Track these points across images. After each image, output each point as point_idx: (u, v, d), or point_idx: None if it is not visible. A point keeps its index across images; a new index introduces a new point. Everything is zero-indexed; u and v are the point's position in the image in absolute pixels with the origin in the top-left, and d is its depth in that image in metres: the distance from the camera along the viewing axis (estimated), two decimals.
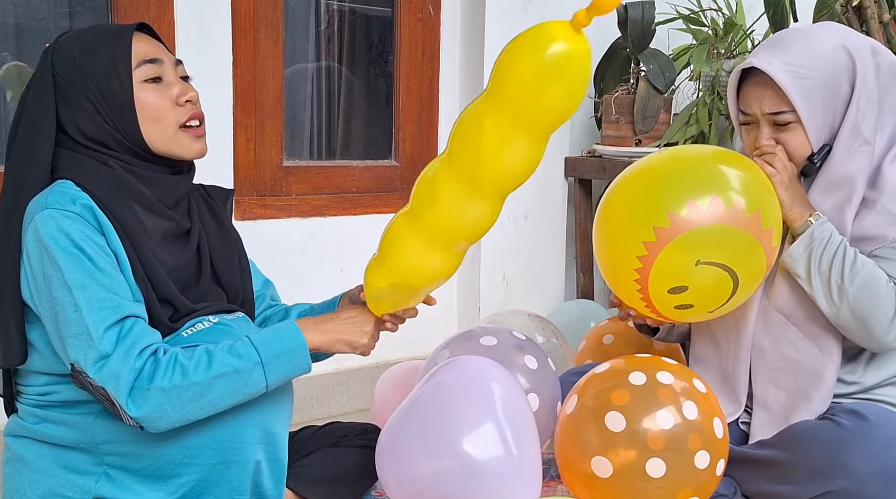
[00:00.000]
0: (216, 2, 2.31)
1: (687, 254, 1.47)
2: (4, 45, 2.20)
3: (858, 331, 1.50)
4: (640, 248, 1.48)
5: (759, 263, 1.51)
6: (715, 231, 1.46)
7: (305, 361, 1.35)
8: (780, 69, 1.51)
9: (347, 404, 2.61)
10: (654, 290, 1.52)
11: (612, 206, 1.59)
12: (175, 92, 1.38)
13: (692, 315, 1.59)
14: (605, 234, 1.59)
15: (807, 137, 1.54)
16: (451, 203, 1.34)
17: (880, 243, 1.53)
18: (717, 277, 1.49)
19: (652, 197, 1.50)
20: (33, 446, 1.36)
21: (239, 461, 1.34)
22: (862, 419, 1.48)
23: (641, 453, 1.45)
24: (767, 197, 1.51)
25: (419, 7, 2.71)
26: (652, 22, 2.67)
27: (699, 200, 1.46)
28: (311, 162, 2.66)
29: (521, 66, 1.22)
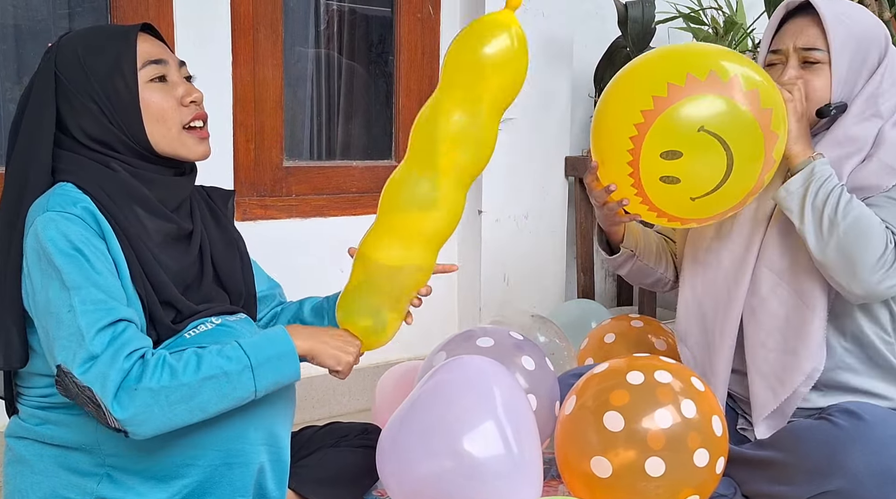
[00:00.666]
0: (215, 2, 2.31)
1: (693, 116, 1.46)
2: (4, 46, 2.20)
3: (843, 270, 1.49)
4: (647, 101, 1.48)
5: (756, 160, 1.50)
6: (728, 105, 1.46)
7: (294, 366, 1.33)
8: (829, 9, 1.56)
9: (348, 404, 2.61)
10: (647, 150, 1.50)
11: (612, 85, 1.60)
12: (180, 92, 1.38)
13: (672, 198, 1.54)
14: (615, 85, 1.59)
15: (830, 81, 1.57)
16: (414, 197, 1.39)
17: (873, 192, 1.54)
18: (713, 152, 1.47)
19: (673, 59, 1.52)
20: (35, 448, 1.36)
21: (242, 463, 1.34)
22: (859, 419, 1.48)
23: (641, 453, 1.45)
24: (781, 107, 1.51)
25: (419, 7, 2.71)
26: (652, 20, 2.67)
27: (721, 73, 1.47)
28: (311, 162, 2.66)
29: (466, 55, 1.38)
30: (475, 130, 1.38)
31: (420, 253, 1.42)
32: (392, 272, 1.41)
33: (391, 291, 1.44)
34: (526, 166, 2.81)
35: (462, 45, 1.38)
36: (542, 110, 2.82)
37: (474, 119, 1.37)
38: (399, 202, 1.40)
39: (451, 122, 1.37)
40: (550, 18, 2.79)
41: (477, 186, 2.76)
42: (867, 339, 1.59)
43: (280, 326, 1.36)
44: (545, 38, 2.79)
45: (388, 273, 1.41)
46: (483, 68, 1.36)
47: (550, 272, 2.93)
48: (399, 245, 1.40)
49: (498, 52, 1.35)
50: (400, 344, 2.75)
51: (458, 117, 1.37)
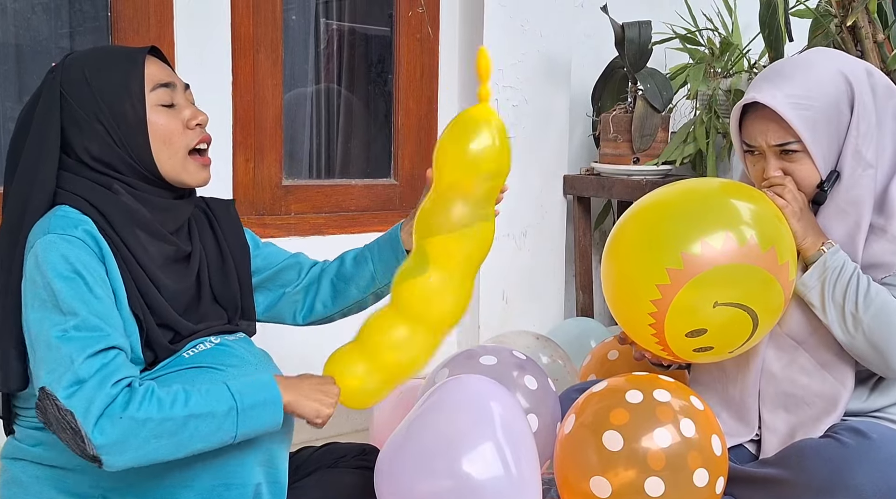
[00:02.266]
0: (216, 23, 2.32)
1: (704, 295, 1.45)
2: (5, 66, 2.22)
3: (875, 359, 1.50)
4: (653, 291, 1.47)
5: (777, 299, 1.50)
6: (731, 271, 1.44)
7: (277, 416, 1.30)
8: (783, 102, 1.51)
9: (346, 424, 2.59)
10: (670, 333, 1.51)
11: (621, 247, 1.57)
12: (186, 115, 1.39)
13: (711, 356, 1.57)
14: (616, 276, 1.57)
15: (814, 165, 1.55)
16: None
17: (890, 270, 1.53)
18: (736, 317, 1.47)
19: (663, 237, 1.49)
20: (30, 469, 1.35)
21: (239, 484, 1.33)
22: (865, 438, 1.47)
23: (640, 473, 1.45)
24: (781, 230, 1.50)
25: (418, 27, 2.72)
26: (649, 41, 2.69)
27: (713, 239, 1.44)
28: (310, 181, 2.66)
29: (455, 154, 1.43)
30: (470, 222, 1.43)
31: (424, 342, 1.47)
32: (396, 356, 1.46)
33: (390, 370, 1.47)
34: (525, 185, 2.82)
35: (449, 143, 1.44)
36: (541, 129, 2.83)
37: (474, 210, 1.43)
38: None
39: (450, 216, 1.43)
40: (548, 39, 2.81)
41: None
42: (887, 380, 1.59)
43: (269, 374, 1.34)
44: (543, 58, 2.81)
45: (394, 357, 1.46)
46: (471, 165, 1.41)
47: (549, 290, 2.93)
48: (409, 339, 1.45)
49: (483, 149, 1.41)
50: None
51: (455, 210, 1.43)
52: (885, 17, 2.44)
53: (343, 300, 1.64)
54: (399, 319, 1.43)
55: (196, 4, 2.27)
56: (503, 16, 2.71)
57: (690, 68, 2.72)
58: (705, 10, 2.84)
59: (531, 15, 2.76)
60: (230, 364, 1.36)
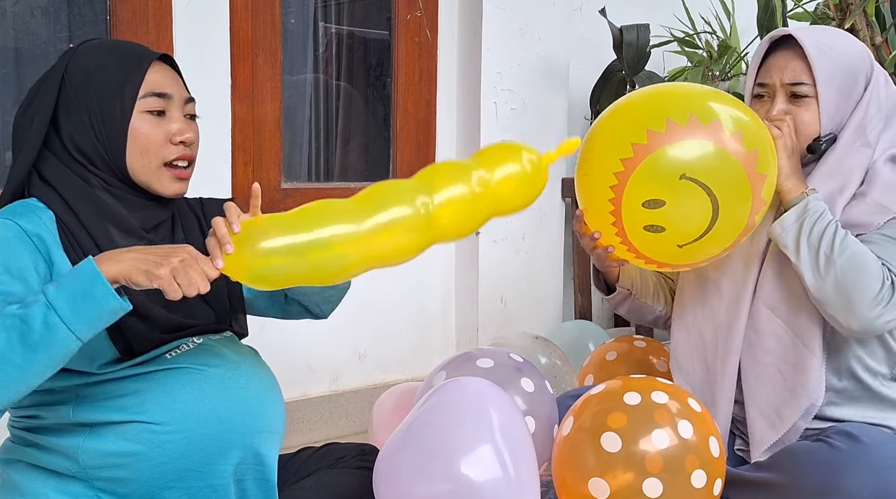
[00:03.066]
0: (215, 26, 2.33)
1: (674, 164, 1.44)
2: (4, 69, 2.22)
3: (841, 306, 1.49)
4: (627, 149, 1.46)
5: (743, 204, 1.48)
6: (709, 150, 1.44)
7: (108, 295, 1.14)
8: (812, 41, 1.56)
9: (345, 426, 2.60)
10: (628, 198, 1.48)
11: (593, 130, 1.58)
12: (172, 129, 1.37)
13: (658, 243, 1.52)
14: (594, 134, 1.57)
15: (818, 115, 1.57)
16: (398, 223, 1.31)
17: (866, 230, 1.54)
18: (697, 199, 1.45)
19: (653, 104, 1.50)
20: (24, 470, 1.35)
21: (223, 484, 1.34)
22: (856, 441, 1.48)
23: (638, 475, 1.45)
24: (768, 147, 1.49)
25: (416, 31, 2.73)
26: (647, 45, 2.70)
27: (701, 117, 1.45)
28: (309, 184, 2.67)
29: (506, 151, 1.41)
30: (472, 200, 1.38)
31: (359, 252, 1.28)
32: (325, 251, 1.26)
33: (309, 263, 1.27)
34: None
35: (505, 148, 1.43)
36: (539, 132, 2.84)
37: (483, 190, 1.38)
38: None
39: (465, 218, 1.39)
40: (547, 42, 2.82)
41: None
42: (863, 374, 1.59)
43: (88, 258, 1.18)
44: (542, 61, 2.82)
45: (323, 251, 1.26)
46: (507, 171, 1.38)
47: (548, 293, 2.93)
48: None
49: (524, 170, 1.40)
50: (397, 365, 2.77)
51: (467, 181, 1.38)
52: (882, 20, 2.45)
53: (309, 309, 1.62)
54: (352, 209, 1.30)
55: (195, 7, 2.28)
56: (502, 19, 2.72)
57: (688, 71, 2.73)
58: (703, 13, 2.85)
59: (530, 18, 2.77)
60: (212, 364, 1.36)
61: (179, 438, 1.30)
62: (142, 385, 1.31)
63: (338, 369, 2.64)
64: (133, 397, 1.30)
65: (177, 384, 1.32)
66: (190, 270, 1.16)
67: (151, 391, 1.31)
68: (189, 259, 1.17)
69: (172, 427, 1.30)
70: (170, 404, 1.30)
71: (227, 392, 1.35)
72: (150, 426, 1.29)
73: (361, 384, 2.68)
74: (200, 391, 1.33)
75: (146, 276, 1.16)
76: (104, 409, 1.29)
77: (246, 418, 1.35)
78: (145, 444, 1.29)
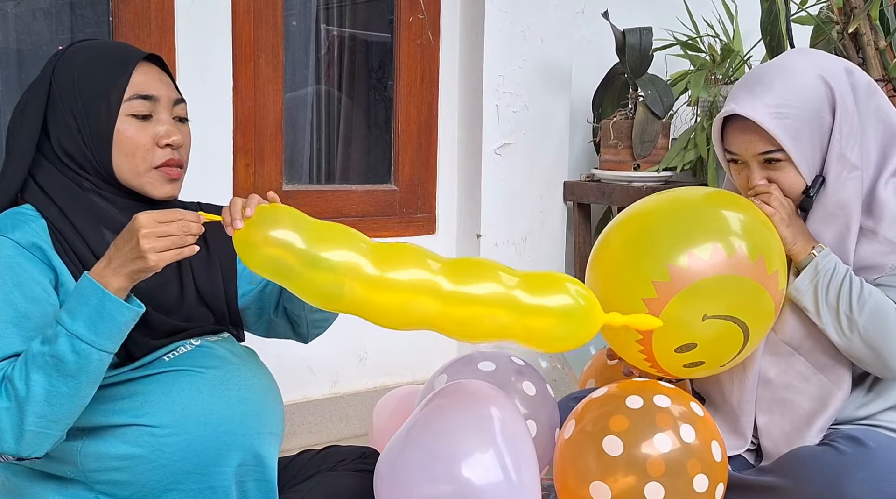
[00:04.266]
0: (217, 28, 2.33)
1: (692, 309, 1.43)
2: (6, 70, 2.22)
3: (872, 360, 1.50)
4: (640, 306, 1.44)
5: (767, 309, 1.49)
6: (719, 282, 1.43)
7: (121, 308, 1.19)
8: (763, 112, 1.50)
9: (346, 428, 2.60)
10: (658, 349, 1.49)
11: (605, 260, 1.55)
12: (160, 132, 1.35)
13: (703, 371, 1.55)
14: (601, 291, 1.51)
15: (799, 172, 1.54)
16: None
17: (880, 272, 1.52)
18: (726, 330, 1.45)
19: (649, 249, 1.46)
20: (24, 474, 1.35)
21: (224, 486, 1.33)
22: (861, 446, 1.47)
23: (640, 478, 1.44)
24: (769, 239, 1.48)
25: (418, 33, 2.73)
26: (650, 48, 2.70)
27: (700, 250, 1.42)
28: (310, 186, 2.67)
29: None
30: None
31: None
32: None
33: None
34: (525, 191, 2.82)
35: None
36: (541, 135, 2.83)
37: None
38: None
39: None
40: (549, 45, 2.82)
41: (475, 211, 2.77)
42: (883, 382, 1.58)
43: (84, 277, 1.20)
44: (544, 64, 2.81)
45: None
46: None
47: None
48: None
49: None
50: (398, 368, 2.76)
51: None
52: (886, 24, 2.44)
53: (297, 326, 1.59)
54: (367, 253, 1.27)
55: (197, 10, 2.28)
56: (504, 22, 2.71)
57: (691, 75, 2.72)
58: (706, 16, 2.85)
59: (532, 21, 2.77)
60: (210, 366, 1.36)
61: (179, 440, 1.30)
62: (140, 388, 1.31)
63: (338, 372, 2.64)
64: (132, 400, 1.30)
65: (175, 387, 1.32)
66: (170, 234, 1.19)
67: (150, 394, 1.31)
68: (152, 239, 1.18)
69: (172, 430, 1.29)
70: (169, 406, 1.30)
71: (227, 394, 1.35)
72: (149, 429, 1.29)
73: (362, 387, 2.67)
74: (199, 393, 1.32)
75: (141, 272, 1.19)
76: (103, 412, 1.29)
77: (245, 419, 1.35)
78: (145, 447, 1.29)
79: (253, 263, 1.25)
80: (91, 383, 1.21)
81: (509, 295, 1.30)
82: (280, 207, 1.28)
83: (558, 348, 1.40)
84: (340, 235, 1.27)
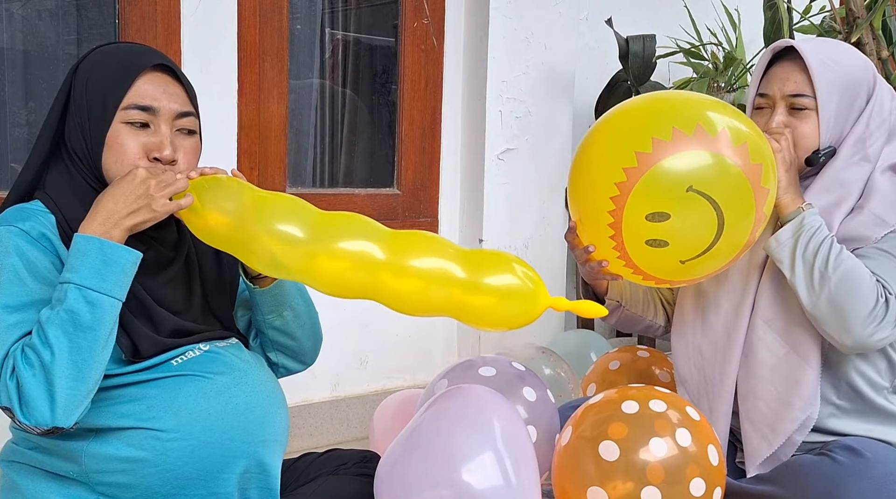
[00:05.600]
0: (222, 31, 2.34)
1: (682, 174, 1.39)
2: (13, 71, 2.23)
3: (836, 323, 1.48)
4: (630, 158, 1.40)
5: (747, 220, 1.45)
6: (718, 163, 1.40)
7: (122, 252, 1.23)
8: (814, 54, 1.55)
9: (347, 432, 2.60)
10: (630, 212, 1.42)
11: (590, 137, 1.53)
12: (152, 143, 1.33)
13: (662, 258, 1.48)
14: (591, 142, 1.51)
15: (818, 127, 1.56)
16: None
17: (863, 243, 1.54)
18: (703, 213, 1.41)
19: (659, 112, 1.45)
20: (27, 473, 1.35)
21: (227, 493, 1.34)
22: (859, 456, 1.47)
23: (637, 483, 1.45)
24: (769, 159, 1.46)
25: (423, 38, 2.74)
26: (653, 55, 2.71)
27: (707, 127, 1.41)
28: (313, 190, 2.68)
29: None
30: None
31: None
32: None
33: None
34: (527, 196, 2.83)
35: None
36: (544, 141, 2.84)
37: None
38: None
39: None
40: (553, 51, 2.83)
41: (478, 215, 2.78)
42: (864, 387, 1.58)
43: (77, 236, 1.24)
44: (548, 70, 2.82)
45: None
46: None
47: None
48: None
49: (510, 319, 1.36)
50: (399, 372, 2.77)
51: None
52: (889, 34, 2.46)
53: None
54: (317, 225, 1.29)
55: (203, 13, 2.29)
56: (508, 28, 2.72)
57: (694, 82, 2.73)
58: (710, 24, 2.86)
59: (536, 27, 2.78)
60: (218, 372, 1.36)
61: (184, 445, 1.30)
62: (148, 392, 1.31)
63: (339, 375, 2.64)
64: (139, 404, 1.30)
65: (182, 392, 1.32)
66: (161, 184, 1.25)
67: (157, 398, 1.31)
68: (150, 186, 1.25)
69: (177, 435, 1.30)
70: (175, 411, 1.30)
71: (233, 401, 1.35)
72: (154, 433, 1.29)
73: (363, 391, 2.68)
74: (206, 399, 1.33)
75: (145, 223, 1.26)
76: (110, 414, 1.29)
77: (251, 426, 1.35)
78: (149, 451, 1.29)
79: (200, 231, 1.30)
80: (106, 336, 1.23)
81: (450, 271, 1.31)
82: (227, 179, 1.32)
83: (500, 328, 1.39)
84: (285, 205, 1.31)
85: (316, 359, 1.61)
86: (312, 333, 1.57)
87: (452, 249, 1.34)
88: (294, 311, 1.51)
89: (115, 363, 1.29)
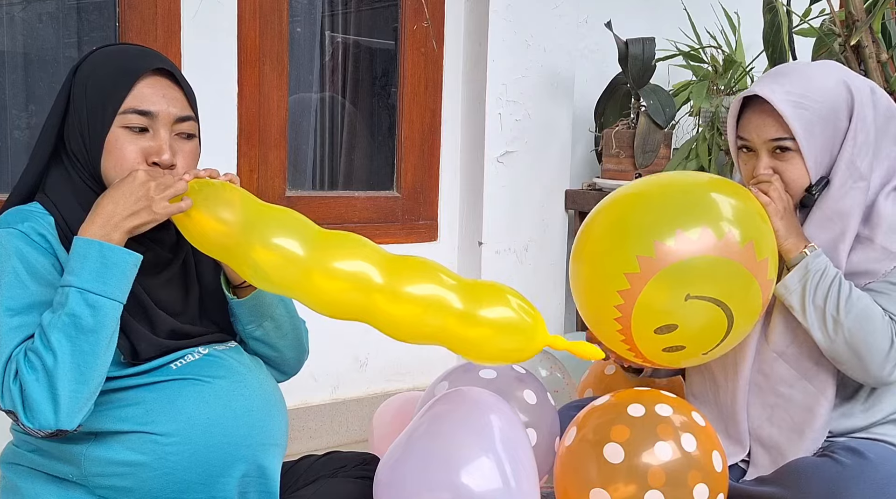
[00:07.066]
0: (222, 34, 2.34)
1: (675, 287, 1.41)
2: (13, 74, 2.23)
3: (854, 365, 1.49)
4: (621, 281, 1.43)
5: (754, 297, 1.47)
6: (705, 263, 1.41)
7: (122, 254, 1.23)
8: (783, 98, 1.51)
9: (346, 434, 2.60)
10: (637, 329, 1.46)
11: (591, 233, 1.53)
12: (151, 148, 1.32)
13: (684, 358, 1.53)
14: (584, 266, 1.52)
15: (805, 167, 1.53)
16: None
17: (872, 278, 1.52)
18: (709, 313, 1.43)
19: (636, 225, 1.45)
20: (27, 475, 1.35)
21: (227, 496, 1.33)
22: (861, 457, 1.47)
23: (640, 487, 1.44)
24: (762, 227, 1.47)
25: (423, 41, 2.74)
26: (652, 58, 2.71)
27: (688, 230, 1.41)
28: (313, 192, 2.68)
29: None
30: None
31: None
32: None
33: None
34: (526, 199, 2.83)
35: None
36: (543, 144, 2.84)
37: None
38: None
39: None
40: (552, 54, 2.83)
41: (477, 218, 2.78)
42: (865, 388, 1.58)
43: (77, 239, 1.24)
44: (547, 73, 2.83)
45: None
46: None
47: (550, 305, 2.93)
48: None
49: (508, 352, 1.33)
50: (398, 374, 2.77)
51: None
52: (889, 37, 2.46)
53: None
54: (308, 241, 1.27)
55: (203, 15, 2.29)
56: (508, 31, 2.73)
57: (693, 85, 2.74)
58: (709, 27, 2.86)
59: (535, 30, 2.78)
60: (217, 376, 1.36)
61: (183, 450, 1.30)
62: (147, 395, 1.31)
63: (339, 378, 2.64)
64: (138, 408, 1.30)
65: (181, 396, 1.32)
66: (161, 186, 1.25)
67: (157, 402, 1.31)
68: (150, 187, 1.25)
69: (176, 439, 1.30)
70: (174, 415, 1.30)
71: (232, 405, 1.35)
72: (154, 437, 1.29)
73: (362, 393, 2.68)
74: (205, 403, 1.33)
75: (145, 225, 1.25)
76: (110, 418, 1.29)
77: (251, 430, 1.35)
78: (149, 454, 1.29)
79: (193, 236, 1.29)
80: (108, 339, 1.23)
81: (446, 300, 1.29)
82: (225, 185, 1.31)
83: (496, 360, 1.38)
84: (284, 219, 1.30)
85: (299, 370, 1.59)
86: (296, 344, 1.55)
87: (451, 279, 1.32)
88: (275, 321, 1.49)
89: (115, 366, 1.29)
